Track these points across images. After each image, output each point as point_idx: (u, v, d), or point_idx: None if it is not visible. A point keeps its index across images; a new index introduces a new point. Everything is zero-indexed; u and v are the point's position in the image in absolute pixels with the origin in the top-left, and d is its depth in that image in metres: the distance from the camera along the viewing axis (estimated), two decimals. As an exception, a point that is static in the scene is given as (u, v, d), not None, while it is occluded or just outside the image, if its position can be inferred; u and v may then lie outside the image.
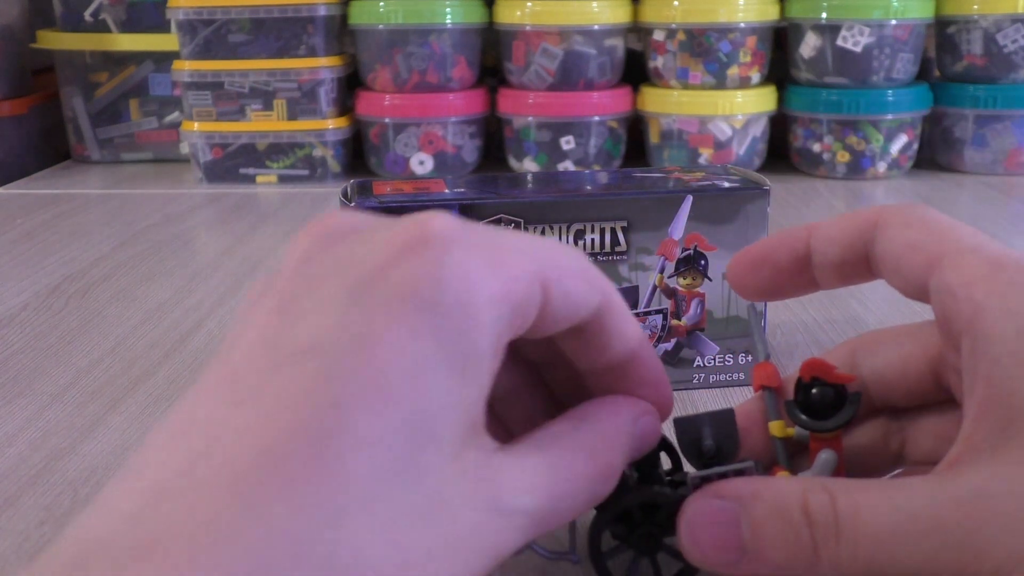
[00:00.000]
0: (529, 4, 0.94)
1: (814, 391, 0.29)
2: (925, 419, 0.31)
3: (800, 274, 0.31)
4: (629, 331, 0.28)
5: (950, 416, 0.30)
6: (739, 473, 0.29)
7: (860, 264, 0.30)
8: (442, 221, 0.23)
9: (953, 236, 0.27)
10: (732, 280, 0.32)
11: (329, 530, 0.19)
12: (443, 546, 0.21)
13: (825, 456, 0.29)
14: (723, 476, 0.29)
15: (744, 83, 0.96)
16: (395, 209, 0.42)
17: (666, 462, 0.31)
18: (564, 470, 0.25)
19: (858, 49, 0.94)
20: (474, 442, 0.23)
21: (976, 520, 0.23)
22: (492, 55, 1.03)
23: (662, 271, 0.44)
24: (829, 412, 0.29)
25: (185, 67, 0.97)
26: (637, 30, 1.00)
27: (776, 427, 0.30)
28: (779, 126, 1.01)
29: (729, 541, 0.26)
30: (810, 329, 0.54)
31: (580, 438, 0.26)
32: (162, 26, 1.03)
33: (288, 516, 0.19)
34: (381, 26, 0.95)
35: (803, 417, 0.29)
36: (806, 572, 0.25)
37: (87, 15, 1.05)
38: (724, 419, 0.30)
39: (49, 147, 1.12)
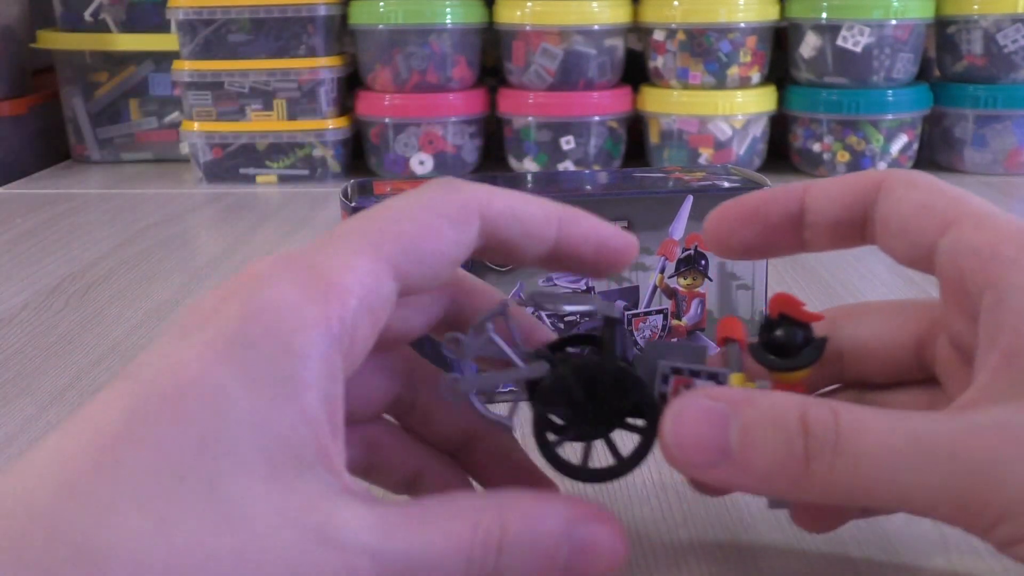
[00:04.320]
0: (529, 4, 0.94)
1: (779, 332, 0.28)
2: (897, 396, 0.30)
3: (789, 232, 0.30)
4: (533, 222, 0.28)
5: (923, 396, 0.29)
6: (712, 376, 0.28)
7: (856, 226, 0.29)
8: (263, 262, 0.25)
9: (966, 202, 0.27)
10: (714, 235, 0.31)
11: (92, 519, 0.21)
12: (233, 554, 0.21)
13: None
14: (695, 374, 0.28)
15: (744, 83, 0.96)
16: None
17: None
18: (437, 529, 0.24)
19: (858, 49, 0.94)
20: (309, 471, 0.23)
21: (996, 449, 0.23)
22: (492, 55, 1.03)
23: (662, 271, 0.44)
24: (794, 354, 0.28)
25: (185, 67, 0.97)
26: (637, 30, 1.00)
27: (737, 379, 0.28)
28: (779, 126, 1.01)
29: (714, 441, 0.25)
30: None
31: (481, 505, 0.25)
32: (162, 26, 1.03)
33: (56, 504, 0.21)
34: (381, 26, 0.95)
35: (768, 356, 0.28)
36: (788, 488, 0.24)
37: (87, 15, 1.05)
38: (696, 353, 0.29)
39: (49, 147, 1.12)
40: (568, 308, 0.28)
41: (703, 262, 0.44)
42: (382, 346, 0.28)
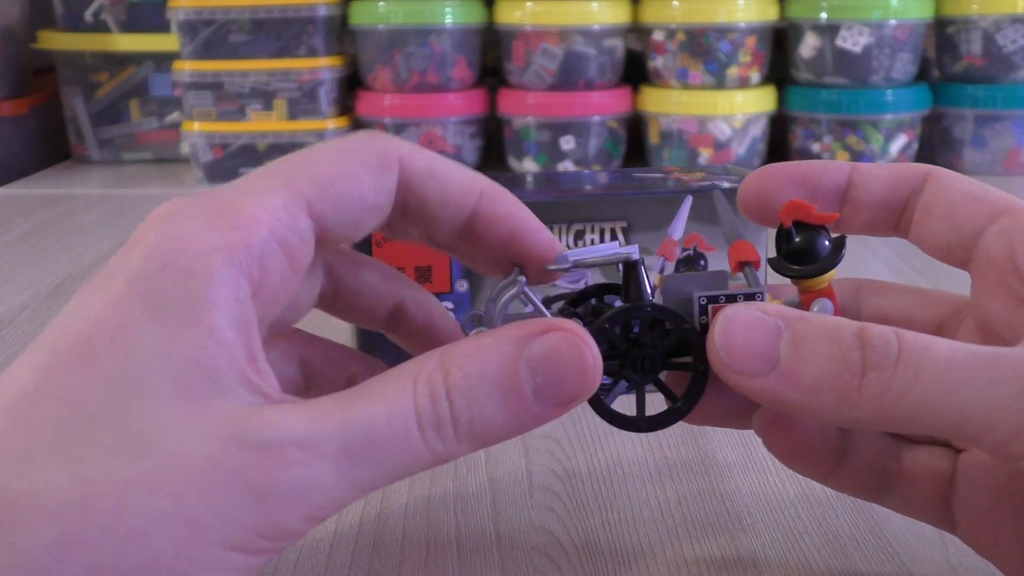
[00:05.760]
0: (529, 4, 0.94)
1: (798, 240, 0.27)
2: None
3: (832, 205, 0.30)
4: (454, 186, 0.27)
5: None
6: (749, 298, 0.27)
7: (895, 211, 0.29)
8: (172, 202, 0.25)
9: (1015, 197, 0.28)
10: (756, 194, 0.30)
11: (5, 470, 0.21)
12: (147, 477, 0.21)
13: (820, 305, 0.27)
14: (732, 299, 0.27)
15: (744, 83, 0.96)
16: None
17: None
18: (373, 396, 0.23)
19: (857, 49, 0.94)
20: (226, 391, 0.22)
21: None
22: (492, 55, 1.03)
23: (662, 271, 0.44)
24: (815, 258, 0.27)
25: (185, 67, 0.97)
26: (637, 30, 1.00)
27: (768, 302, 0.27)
28: (779, 126, 1.01)
29: (764, 348, 0.24)
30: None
31: (418, 361, 0.24)
32: (162, 26, 1.03)
33: None
34: (381, 26, 0.95)
35: (792, 267, 0.27)
36: (836, 403, 0.23)
37: (87, 15, 1.05)
38: (716, 280, 0.28)
39: (49, 147, 1.12)
40: (592, 257, 0.27)
41: (702, 262, 0.44)
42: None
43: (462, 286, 0.44)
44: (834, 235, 0.28)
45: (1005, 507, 0.28)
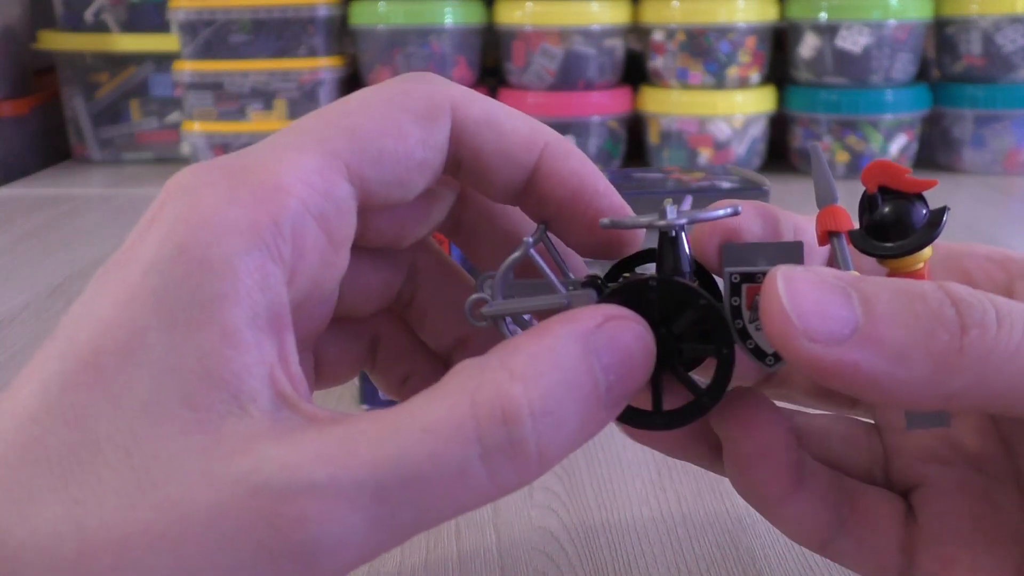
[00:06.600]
0: (529, 4, 0.94)
1: (886, 209, 0.22)
2: None
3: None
4: (515, 137, 0.24)
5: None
6: None
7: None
8: (190, 170, 0.21)
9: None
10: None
11: (11, 510, 0.18)
12: (146, 532, 0.18)
13: None
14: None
15: (743, 83, 0.96)
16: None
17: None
18: (416, 431, 0.19)
19: (857, 49, 0.94)
20: (238, 403, 0.19)
21: None
22: (492, 55, 1.03)
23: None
24: (907, 232, 0.22)
25: (186, 67, 0.97)
26: (637, 30, 1.00)
27: None
28: (779, 126, 1.01)
29: (839, 309, 0.20)
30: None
31: (459, 381, 0.20)
32: (162, 26, 1.04)
33: None
34: (381, 26, 0.95)
35: (875, 243, 0.22)
36: (934, 372, 0.19)
37: (88, 15, 1.05)
38: (789, 251, 0.23)
39: (50, 147, 1.12)
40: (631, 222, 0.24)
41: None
42: (377, 246, 0.25)
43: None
44: (932, 206, 0.23)
45: (985, 533, 0.25)
